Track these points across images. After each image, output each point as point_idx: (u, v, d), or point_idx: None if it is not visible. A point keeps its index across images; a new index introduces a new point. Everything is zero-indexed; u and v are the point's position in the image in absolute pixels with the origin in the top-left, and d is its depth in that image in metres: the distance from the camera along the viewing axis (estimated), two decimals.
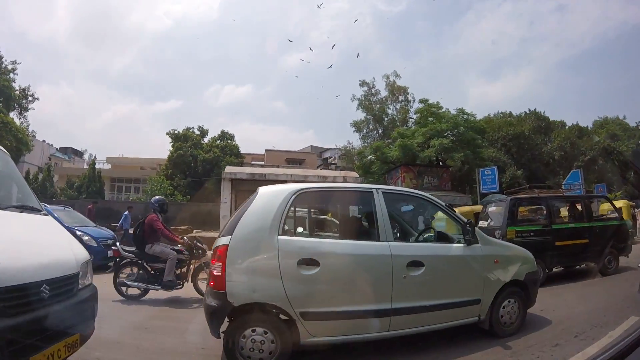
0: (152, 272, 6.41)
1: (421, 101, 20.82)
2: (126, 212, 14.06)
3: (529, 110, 33.07)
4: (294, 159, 34.22)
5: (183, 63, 69.83)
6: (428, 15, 67.14)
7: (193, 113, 66.58)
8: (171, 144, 30.82)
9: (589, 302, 5.88)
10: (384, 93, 39.28)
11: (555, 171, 29.87)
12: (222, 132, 31.29)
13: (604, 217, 9.67)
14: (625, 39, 59.43)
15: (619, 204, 17.45)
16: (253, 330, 3.29)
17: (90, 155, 44.70)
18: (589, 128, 38.55)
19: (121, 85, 64.43)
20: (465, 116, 20.86)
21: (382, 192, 3.96)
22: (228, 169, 18.87)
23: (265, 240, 3.41)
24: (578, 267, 8.41)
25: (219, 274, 3.32)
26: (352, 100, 36.36)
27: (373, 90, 39.65)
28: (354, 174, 18.55)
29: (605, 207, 13.22)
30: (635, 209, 18.76)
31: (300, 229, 5.35)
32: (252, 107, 69.51)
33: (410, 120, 37.77)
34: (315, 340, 3.39)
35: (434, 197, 4.50)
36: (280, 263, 3.34)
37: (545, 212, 8.19)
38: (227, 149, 29.98)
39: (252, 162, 35.76)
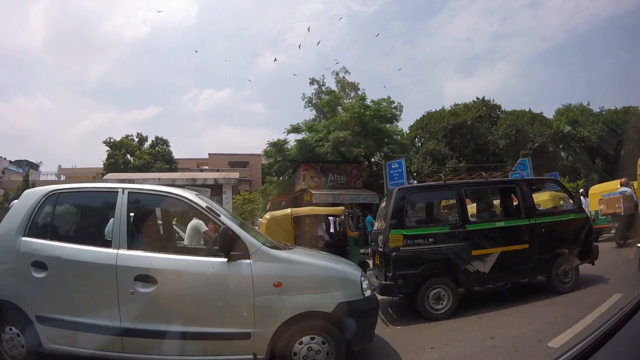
0: None
1: (327, 93, 19.41)
2: None
3: (477, 98, 31.20)
4: (237, 162, 33.16)
5: (161, 69, 69.69)
6: (402, 14, 66.89)
7: (172, 119, 65.96)
8: (107, 152, 30.33)
9: (493, 339, 4.09)
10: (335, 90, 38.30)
11: (503, 162, 27.99)
12: (157, 137, 30.69)
13: (555, 210, 7.40)
14: (596, 32, 58.89)
15: (543, 196, 14.70)
16: (9, 329, 3.37)
17: (59, 166, 44.79)
18: (553, 117, 36.56)
19: (98, 94, 64.30)
20: (372, 105, 19.40)
21: (128, 192, 3.59)
22: (107, 176, 18.06)
23: (11, 241, 3.45)
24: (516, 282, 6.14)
25: None
26: (303, 99, 35.21)
27: (323, 88, 38.59)
28: (234, 175, 17.39)
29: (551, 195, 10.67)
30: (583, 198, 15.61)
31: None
32: (232, 111, 68.87)
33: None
34: (56, 347, 3.28)
35: (197, 197, 3.67)
36: (19, 264, 3.38)
37: (456, 206, 5.90)
38: (158, 155, 29.23)
39: (198, 167, 35.00)
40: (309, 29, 64.44)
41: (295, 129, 18.86)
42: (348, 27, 64.95)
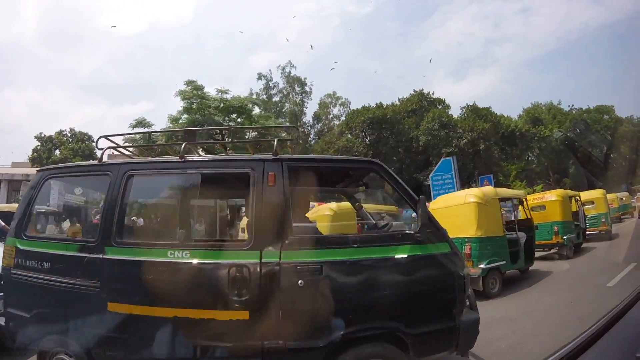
0: None
1: (188, 82, 17.74)
2: None
3: (415, 90, 27.90)
4: None
5: (155, 65, 70.44)
6: (395, 16, 67.66)
7: (164, 115, 66.56)
8: (36, 146, 30.97)
9: None
10: (282, 85, 37.06)
11: (428, 161, 24.43)
12: (80, 133, 30.75)
13: (358, 236, 3.35)
14: (587, 40, 62.59)
15: (594, 194, 13.68)
16: None
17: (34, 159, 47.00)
18: (519, 116, 32.17)
19: (90, 88, 65.32)
20: (222, 95, 17.59)
21: None
22: None
23: None
24: None
25: None
26: (251, 95, 34.26)
27: (271, 84, 37.29)
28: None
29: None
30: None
31: None
32: None
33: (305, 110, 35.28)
34: None
35: None
36: None
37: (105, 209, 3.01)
38: (79, 150, 29.24)
39: None
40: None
41: (139, 123, 17.37)
42: (342, 27, 63.72)
